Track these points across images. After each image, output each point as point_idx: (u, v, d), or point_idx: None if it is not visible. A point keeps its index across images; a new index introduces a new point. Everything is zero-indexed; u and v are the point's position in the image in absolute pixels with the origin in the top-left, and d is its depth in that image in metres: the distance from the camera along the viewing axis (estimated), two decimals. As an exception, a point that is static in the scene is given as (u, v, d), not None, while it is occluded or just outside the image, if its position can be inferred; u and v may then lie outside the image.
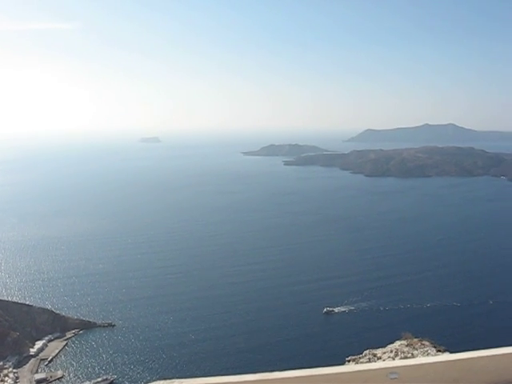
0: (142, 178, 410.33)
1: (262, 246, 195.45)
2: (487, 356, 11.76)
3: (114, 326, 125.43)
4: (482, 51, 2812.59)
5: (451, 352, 12.80)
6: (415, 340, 27.78)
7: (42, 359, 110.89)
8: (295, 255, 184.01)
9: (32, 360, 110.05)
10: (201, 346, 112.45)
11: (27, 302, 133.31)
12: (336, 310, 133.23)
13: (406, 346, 27.17)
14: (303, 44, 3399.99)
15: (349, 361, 27.55)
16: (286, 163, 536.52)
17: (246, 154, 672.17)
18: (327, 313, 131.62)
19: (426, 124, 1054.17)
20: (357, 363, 26.08)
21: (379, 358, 26.34)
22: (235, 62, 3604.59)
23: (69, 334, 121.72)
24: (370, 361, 26.16)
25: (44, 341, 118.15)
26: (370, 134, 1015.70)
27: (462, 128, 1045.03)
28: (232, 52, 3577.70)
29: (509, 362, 11.98)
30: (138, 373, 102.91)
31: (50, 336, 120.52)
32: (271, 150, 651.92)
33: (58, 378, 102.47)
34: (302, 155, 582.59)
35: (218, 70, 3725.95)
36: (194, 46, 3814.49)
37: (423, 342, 27.55)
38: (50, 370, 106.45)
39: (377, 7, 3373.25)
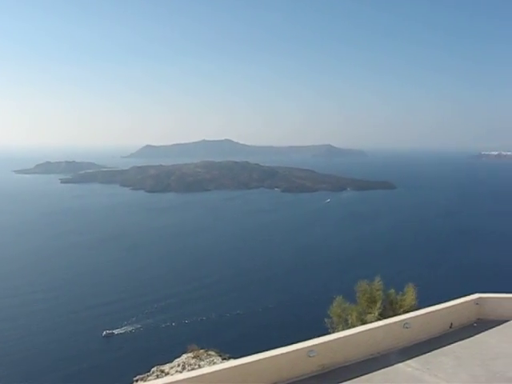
0: None
1: (21, 274, 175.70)
2: (266, 358, 12.38)
3: None
4: (266, 69, 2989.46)
5: (235, 358, 13.26)
6: (201, 351, 28.22)
7: None
8: (63, 281, 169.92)
9: None
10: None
11: None
12: (116, 331, 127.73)
13: (193, 358, 27.47)
14: (72, 60, 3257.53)
15: (136, 380, 27.06)
16: (63, 181, 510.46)
17: (18, 172, 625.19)
18: (107, 336, 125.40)
19: (204, 140, 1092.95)
20: (145, 381, 25.81)
21: (167, 374, 26.25)
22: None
23: None
24: (158, 377, 25.93)
25: None
26: (149, 149, 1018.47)
27: (237, 143, 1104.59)
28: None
29: (285, 362, 12.73)
30: None
31: None
32: (47, 168, 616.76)
33: None
34: (80, 172, 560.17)
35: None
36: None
37: (209, 353, 28.10)
38: None
39: (147, 21, 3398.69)
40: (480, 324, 17.55)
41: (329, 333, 15.30)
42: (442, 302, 17.54)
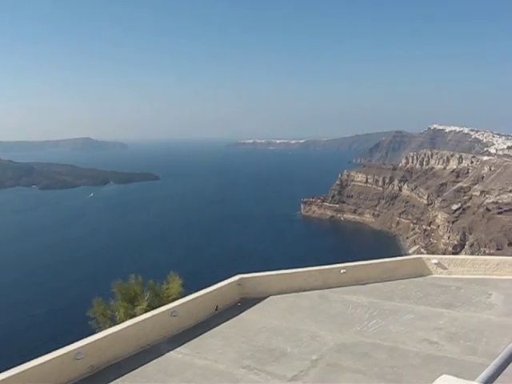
0: None
1: None
2: (30, 368, 11.82)
3: None
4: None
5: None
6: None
7: None
8: None
9: None
10: None
11: None
12: None
13: None
14: None
15: None
16: None
17: None
18: None
19: None
20: None
21: None
22: None
23: None
24: None
25: None
26: None
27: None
28: None
29: (50, 370, 12.26)
30: None
31: None
32: None
33: None
34: None
35: None
36: None
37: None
38: None
39: None
40: (243, 303, 18.66)
41: (96, 333, 14.95)
42: (207, 287, 18.26)
